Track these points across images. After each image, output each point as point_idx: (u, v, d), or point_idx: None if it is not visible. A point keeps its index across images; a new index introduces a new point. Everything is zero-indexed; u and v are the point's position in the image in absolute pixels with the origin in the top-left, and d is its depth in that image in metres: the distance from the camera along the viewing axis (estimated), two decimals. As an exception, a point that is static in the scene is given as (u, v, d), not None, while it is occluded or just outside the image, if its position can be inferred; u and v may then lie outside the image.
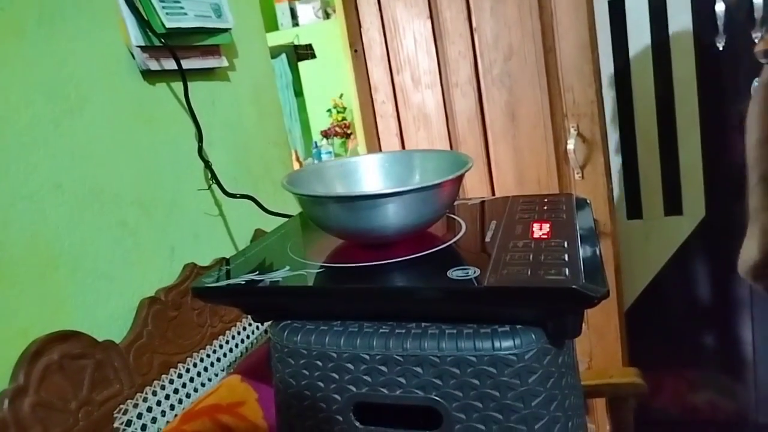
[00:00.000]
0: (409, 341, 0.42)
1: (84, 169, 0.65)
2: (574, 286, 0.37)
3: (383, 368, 0.43)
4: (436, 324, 0.42)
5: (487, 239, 0.48)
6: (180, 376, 0.67)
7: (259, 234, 0.92)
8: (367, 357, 0.43)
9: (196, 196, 0.81)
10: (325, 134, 3.35)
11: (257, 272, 0.47)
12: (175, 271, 0.77)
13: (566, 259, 0.41)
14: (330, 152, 3.19)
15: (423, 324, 0.43)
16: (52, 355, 0.54)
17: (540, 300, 0.38)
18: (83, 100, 0.66)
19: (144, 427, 0.60)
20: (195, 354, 0.70)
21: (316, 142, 3.23)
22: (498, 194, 1.58)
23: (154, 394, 0.62)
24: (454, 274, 0.41)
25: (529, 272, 0.40)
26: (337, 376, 0.44)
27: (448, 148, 1.61)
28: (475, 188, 1.61)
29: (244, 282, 0.45)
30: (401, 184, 0.54)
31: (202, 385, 0.71)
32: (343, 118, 3.28)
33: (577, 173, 1.42)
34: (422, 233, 0.51)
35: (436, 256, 0.46)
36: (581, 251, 0.43)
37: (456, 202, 0.61)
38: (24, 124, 0.59)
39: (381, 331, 0.43)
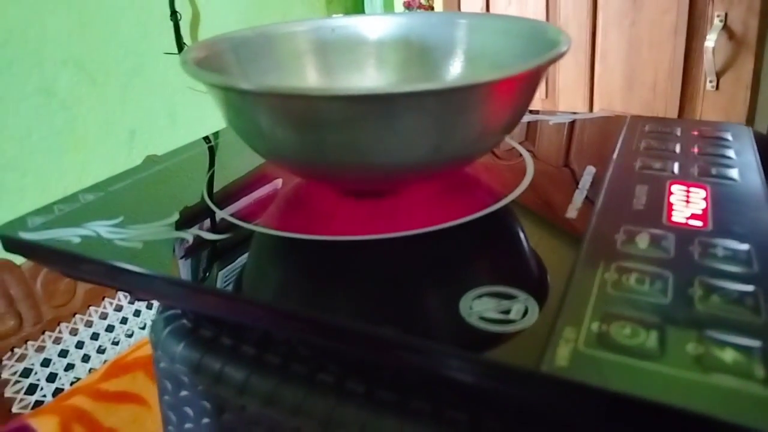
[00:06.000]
0: (363, 414, 0.20)
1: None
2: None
3: (313, 451, 0.22)
4: (435, 397, 0.20)
5: (572, 212, 0.24)
6: (119, 308, 0.50)
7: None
8: (289, 424, 0.22)
9: (169, 62, 0.59)
10: (408, 5, 2.98)
11: (118, 221, 0.25)
12: (133, 164, 0.58)
13: (761, 310, 0.17)
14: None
15: (406, 387, 0.20)
16: None
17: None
18: None
19: (52, 377, 0.45)
20: (145, 280, 0.53)
21: (395, 13, 2.87)
22: (598, 99, 1.26)
23: (74, 333, 0.46)
24: (476, 308, 0.18)
25: (657, 342, 0.16)
26: (235, 438, 0.24)
27: (544, 32, 1.28)
28: (568, 87, 1.30)
29: (77, 239, 0.24)
30: (419, 78, 0.29)
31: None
32: (430, -12, 2.88)
33: (711, 81, 1.07)
34: (450, 174, 0.27)
35: (450, 242, 0.22)
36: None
37: (525, 118, 0.35)
38: None
39: (320, 380, 0.21)
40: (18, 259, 0.46)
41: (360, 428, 0.20)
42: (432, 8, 2.89)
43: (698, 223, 0.22)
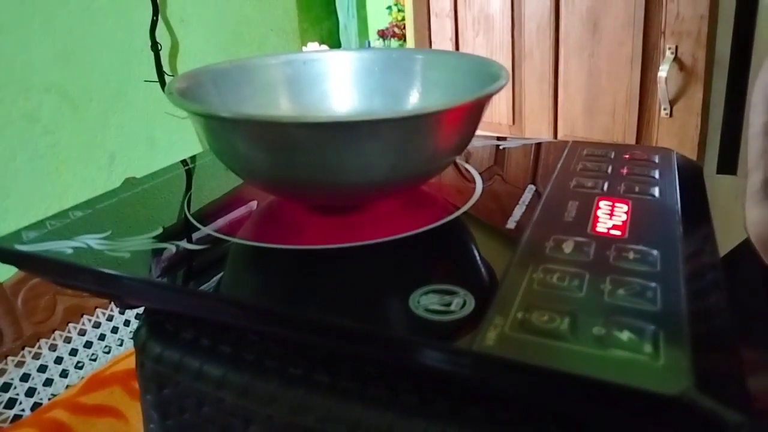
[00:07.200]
0: (328, 401, 0.23)
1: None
2: (673, 394, 0.16)
3: (285, 438, 0.24)
4: (395, 382, 0.23)
5: (511, 224, 0.27)
6: (97, 325, 0.52)
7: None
8: (262, 412, 0.24)
9: (149, 90, 0.62)
10: (382, 34, 3.06)
11: (107, 234, 0.28)
12: (112, 186, 0.60)
13: (657, 301, 0.20)
14: (383, 56, 2.92)
15: (365, 377, 0.23)
16: None
17: (585, 401, 0.18)
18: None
19: (31, 391, 0.47)
20: (123, 298, 0.55)
21: (368, 42, 2.94)
22: (562, 125, 1.32)
23: (53, 348, 0.48)
24: (423, 302, 0.21)
25: (568, 326, 0.19)
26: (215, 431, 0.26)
27: (509, 61, 1.34)
28: (534, 114, 1.36)
29: (70, 250, 0.26)
30: (382, 106, 0.33)
31: (131, 339, 0.55)
32: (404, 18, 2.97)
33: (665, 109, 1.14)
34: (408, 192, 0.30)
35: (405, 249, 0.25)
36: (688, 286, 0.21)
37: (479, 143, 0.39)
38: None
39: (290, 373, 0.24)
40: (6, 275, 0.48)
41: (326, 412, 0.23)
42: (404, 36, 2.97)
43: (618, 233, 0.26)
